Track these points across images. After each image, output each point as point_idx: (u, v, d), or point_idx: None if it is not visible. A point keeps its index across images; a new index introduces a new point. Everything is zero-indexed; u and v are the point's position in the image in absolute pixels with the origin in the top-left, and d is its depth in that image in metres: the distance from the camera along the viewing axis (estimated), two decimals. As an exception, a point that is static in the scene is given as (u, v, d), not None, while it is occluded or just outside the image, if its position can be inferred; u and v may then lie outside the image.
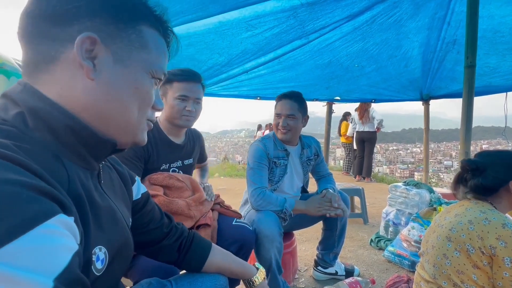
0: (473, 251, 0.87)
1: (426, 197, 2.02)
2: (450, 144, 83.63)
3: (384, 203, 2.39)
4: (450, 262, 0.93)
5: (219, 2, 1.46)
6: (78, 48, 0.37)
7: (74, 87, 0.38)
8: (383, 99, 3.65)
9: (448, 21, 2.27)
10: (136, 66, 0.42)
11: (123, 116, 0.42)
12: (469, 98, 1.81)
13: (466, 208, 0.97)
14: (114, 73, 0.40)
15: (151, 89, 0.45)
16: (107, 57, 0.39)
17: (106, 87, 0.40)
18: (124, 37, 0.40)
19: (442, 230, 0.98)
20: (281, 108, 1.45)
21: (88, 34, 0.37)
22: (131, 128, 0.44)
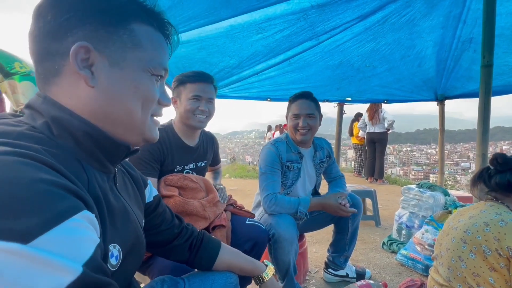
0: (490, 253, 0.85)
1: (441, 200, 1.97)
2: (468, 145, 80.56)
3: (397, 205, 2.35)
4: (465, 265, 0.91)
5: (231, 6, 1.49)
6: (73, 59, 0.38)
7: (79, 96, 0.40)
8: (395, 99, 3.58)
9: (464, 19, 2.21)
10: (133, 66, 0.42)
11: (128, 116, 0.43)
12: (486, 98, 1.75)
13: (480, 210, 0.95)
14: (112, 77, 0.41)
15: (152, 86, 0.45)
16: (103, 62, 0.40)
17: (106, 92, 0.41)
18: (115, 39, 0.41)
19: (456, 232, 0.96)
20: (298, 108, 1.42)
21: (80, 44, 0.38)
22: (137, 126, 0.45)
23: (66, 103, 0.40)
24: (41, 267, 0.25)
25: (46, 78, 0.41)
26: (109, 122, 0.42)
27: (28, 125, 0.38)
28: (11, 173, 0.28)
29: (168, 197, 1.01)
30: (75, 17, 0.38)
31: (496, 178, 0.96)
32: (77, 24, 0.38)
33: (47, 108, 0.39)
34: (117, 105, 0.42)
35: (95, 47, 0.39)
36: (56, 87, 0.40)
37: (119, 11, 0.41)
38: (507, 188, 0.95)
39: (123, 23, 0.41)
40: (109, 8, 0.40)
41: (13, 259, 0.24)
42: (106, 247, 0.41)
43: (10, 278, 0.24)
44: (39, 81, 0.41)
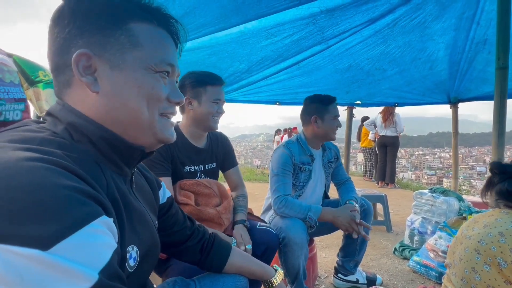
0: (505, 265, 0.82)
1: (455, 206, 1.92)
2: (483, 148, 77.90)
3: (409, 210, 2.30)
4: (479, 277, 0.88)
5: (241, 13, 1.52)
6: (74, 67, 0.39)
7: (87, 103, 0.41)
8: (407, 102, 3.52)
9: (477, 21, 2.17)
10: (133, 66, 0.42)
11: (134, 117, 0.43)
12: (502, 101, 1.71)
13: (496, 219, 0.91)
14: (114, 80, 0.41)
15: (157, 83, 0.44)
16: (104, 66, 0.41)
17: (110, 95, 0.41)
18: (113, 42, 0.41)
19: (470, 241, 0.93)
20: (337, 110, 1.53)
21: (79, 52, 0.39)
22: (146, 127, 0.44)
23: (80, 110, 0.42)
24: (58, 274, 0.26)
25: (60, 90, 0.43)
26: (118, 126, 0.43)
27: (50, 131, 0.40)
28: (35, 179, 0.28)
29: (183, 205, 1.03)
30: (74, 28, 0.39)
31: (498, 187, 0.94)
32: (76, 34, 0.39)
33: (65, 114, 0.41)
34: (121, 108, 0.42)
35: (94, 53, 0.39)
36: (68, 97, 0.42)
37: (114, 13, 0.40)
38: (509, 197, 0.92)
39: (119, 24, 0.41)
40: (103, 12, 0.40)
41: (32, 265, 0.25)
42: (124, 249, 0.42)
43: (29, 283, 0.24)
44: (56, 93, 0.43)
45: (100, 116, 0.42)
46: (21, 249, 0.24)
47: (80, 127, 0.40)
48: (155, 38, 0.43)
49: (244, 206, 1.23)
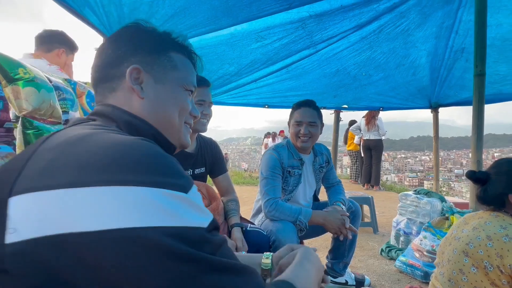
0: (491, 269, 0.84)
1: (438, 206, 1.99)
2: (461, 152, 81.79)
3: (394, 212, 2.36)
4: (466, 278, 0.90)
5: (232, 15, 1.52)
6: (128, 77, 0.50)
7: (132, 105, 0.51)
8: (391, 107, 3.64)
9: (456, 30, 2.29)
10: (172, 83, 0.54)
11: (169, 121, 0.54)
12: (480, 106, 1.80)
13: (485, 222, 0.94)
14: (157, 91, 0.53)
15: (186, 98, 0.57)
16: (149, 80, 0.52)
17: (153, 102, 0.52)
18: (159, 63, 0.53)
19: (458, 243, 0.96)
20: (301, 115, 1.45)
21: (133, 66, 0.50)
22: (176, 131, 0.55)
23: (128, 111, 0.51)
24: (196, 209, 0.36)
25: (104, 94, 0.52)
26: (156, 126, 0.52)
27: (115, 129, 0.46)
28: (159, 151, 0.38)
29: None
30: (129, 49, 0.52)
31: (476, 193, 0.99)
32: (131, 54, 0.51)
33: (119, 114, 0.49)
34: (161, 112, 0.53)
35: (144, 69, 0.51)
36: (113, 100, 0.51)
37: (160, 43, 0.54)
38: (489, 203, 0.96)
39: (164, 52, 0.54)
40: (154, 42, 0.53)
41: (181, 201, 0.35)
42: None
43: (181, 213, 0.34)
44: (97, 97, 0.53)
45: (145, 117, 0.51)
46: (174, 192, 0.35)
47: (135, 125, 0.49)
48: (186, 65, 0.57)
49: (236, 210, 1.22)
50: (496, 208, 0.96)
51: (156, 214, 0.32)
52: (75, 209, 0.30)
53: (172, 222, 0.32)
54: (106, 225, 0.30)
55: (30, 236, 0.30)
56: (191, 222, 0.34)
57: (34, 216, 0.31)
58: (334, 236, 1.51)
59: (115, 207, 0.31)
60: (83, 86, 1.24)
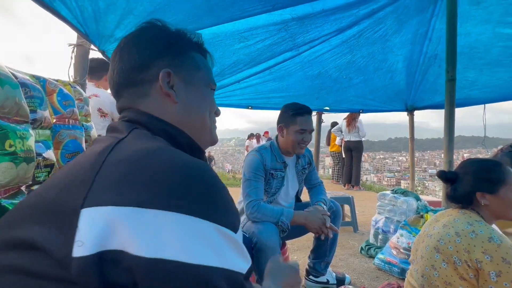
0: (460, 263, 0.88)
1: (413, 205, 2.08)
2: (434, 153, 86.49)
3: (373, 211, 2.44)
4: (438, 274, 0.93)
5: (214, 15, 1.49)
6: (162, 82, 0.48)
7: (167, 111, 0.50)
8: (370, 109, 3.77)
9: (430, 37, 2.41)
10: (200, 83, 0.54)
11: (203, 122, 0.54)
12: (451, 109, 1.90)
13: (454, 219, 0.98)
14: (189, 93, 0.52)
15: (213, 97, 0.57)
16: (180, 83, 0.51)
17: (188, 105, 0.52)
18: (185, 65, 0.52)
19: (430, 240, 1.00)
20: (306, 123, 1.45)
21: (165, 70, 0.49)
22: (208, 130, 0.56)
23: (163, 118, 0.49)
24: (240, 252, 0.36)
25: (132, 100, 0.50)
26: (191, 130, 0.51)
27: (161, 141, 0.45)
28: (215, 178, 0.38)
29: None
30: (155, 52, 0.50)
31: (446, 192, 1.04)
32: (157, 56, 0.50)
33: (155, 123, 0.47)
34: (195, 114, 0.52)
35: (174, 72, 0.50)
36: (144, 106, 0.49)
37: (183, 44, 0.53)
38: (458, 202, 1.01)
39: (187, 52, 0.53)
40: (178, 43, 0.52)
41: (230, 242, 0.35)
42: None
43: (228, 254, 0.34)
44: (126, 102, 0.50)
45: (177, 121, 0.50)
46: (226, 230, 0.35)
47: (171, 133, 0.48)
48: (206, 64, 0.56)
49: None
50: (464, 206, 1.01)
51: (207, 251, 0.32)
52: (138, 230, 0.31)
53: (219, 263, 0.33)
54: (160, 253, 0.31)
55: (95, 250, 0.31)
56: (235, 266, 0.34)
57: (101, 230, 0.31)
58: (316, 235, 1.53)
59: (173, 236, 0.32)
60: (54, 84, 1.17)
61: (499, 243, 0.84)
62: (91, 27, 1.26)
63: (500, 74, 2.61)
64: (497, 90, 2.88)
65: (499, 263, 0.82)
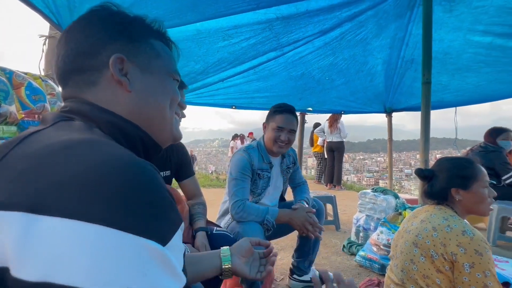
0: (437, 257, 0.91)
1: (392, 203, 2.15)
2: (409, 153, 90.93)
3: (354, 209, 2.50)
4: (416, 267, 0.97)
5: (198, 10, 1.46)
6: (113, 68, 0.43)
7: (118, 101, 0.45)
8: (351, 110, 3.87)
9: (407, 42, 2.52)
10: (160, 71, 0.49)
11: (161, 114, 0.49)
12: (426, 111, 2.00)
13: (430, 214, 1.02)
14: (145, 81, 0.47)
15: (175, 87, 0.52)
16: (135, 70, 0.46)
17: (143, 94, 0.46)
18: (142, 51, 0.47)
19: (409, 236, 1.03)
20: (284, 122, 1.42)
21: (117, 55, 0.44)
22: (168, 123, 0.50)
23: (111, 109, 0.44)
24: (168, 269, 0.29)
25: (78, 88, 0.44)
26: (147, 123, 0.47)
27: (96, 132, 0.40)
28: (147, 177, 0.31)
29: None
30: (105, 36, 0.45)
31: (423, 189, 1.09)
32: (108, 41, 0.45)
33: (99, 114, 0.42)
34: (152, 105, 0.47)
35: (128, 58, 0.45)
36: (93, 96, 0.44)
37: (140, 30, 0.48)
38: (434, 198, 1.05)
39: (144, 38, 0.48)
40: (132, 28, 0.47)
41: (154, 256, 0.28)
42: None
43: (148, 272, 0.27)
44: (70, 92, 0.45)
45: (129, 113, 0.45)
46: (150, 243, 0.28)
47: (119, 127, 0.43)
48: (168, 53, 0.52)
49: (202, 213, 1.17)
50: (440, 202, 1.06)
51: (122, 273, 0.25)
52: (25, 243, 0.24)
53: (136, 285, 0.26)
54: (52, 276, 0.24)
55: None
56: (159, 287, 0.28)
57: None
58: (301, 233, 1.52)
59: (74, 253, 0.24)
60: (22, 77, 1.08)
61: (472, 236, 0.89)
62: (64, 16, 1.18)
63: (470, 79, 2.78)
64: (467, 94, 3.07)
65: (472, 255, 0.86)
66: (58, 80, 0.47)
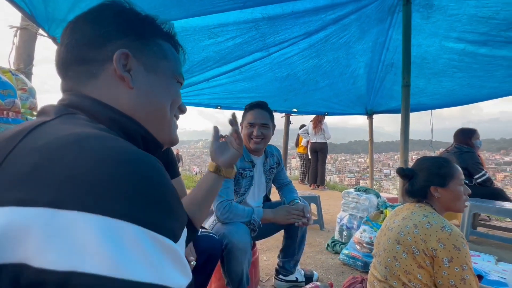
0: (418, 252, 0.94)
1: (374, 202, 2.22)
2: (388, 154, 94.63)
3: (338, 209, 2.55)
4: (399, 264, 0.99)
5: (183, 6, 1.42)
6: (117, 63, 0.43)
7: (118, 96, 0.44)
8: (335, 112, 3.96)
9: (387, 47, 2.61)
10: (165, 73, 0.49)
11: (161, 115, 0.48)
12: (406, 113, 2.08)
13: (411, 212, 1.05)
14: (149, 80, 0.46)
15: (178, 90, 0.52)
16: (139, 68, 0.45)
17: (145, 92, 0.46)
18: (149, 50, 0.47)
19: (391, 233, 1.06)
20: (254, 117, 1.42)
21: (122, 50, 0.43)
22: (167, 125, 0.50)
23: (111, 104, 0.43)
24: (179, 265, 0.31)
25: (78, 80, 0.43)
26: (147, 121, 0.46)
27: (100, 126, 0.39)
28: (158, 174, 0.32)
29: None
30: (114, 30, 0.44)
31: (404, 187, 1.13)
32: (116, 36, 0.44)
33: (101, 110, 0.41)
34: (154, 104, 0.47)
35: (133, 55, 0.44)
36: (92, 89, 0.43)
37: (149, 28, 0.48)
38: (414, 196, 1.09)
39: (153, 38, 0.48)
40: (142, 26, 0.47)
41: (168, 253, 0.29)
42: None
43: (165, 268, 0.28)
44: (69, 83, 0.44)
45: (129, 109, 0.44)
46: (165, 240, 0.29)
47: (120, 123, 0.42)
48: (175, 55, 0.52)
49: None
50: (419, 199, 1.10)
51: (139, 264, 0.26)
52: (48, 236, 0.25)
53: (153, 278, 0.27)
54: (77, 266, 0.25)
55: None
56: (173, 282, 0.29)
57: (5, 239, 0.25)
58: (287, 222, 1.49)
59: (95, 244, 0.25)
60: (-10, 70, 1.00)
61: (450, 231, 0.92)
62: (38, 7, 1.11)
63: (444, 83, 2.93)
64: (442, 97, 3.24)
65: (450, 250, 0.90)
66: (58, 70, 0.46)
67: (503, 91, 2.94)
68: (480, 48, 2.27)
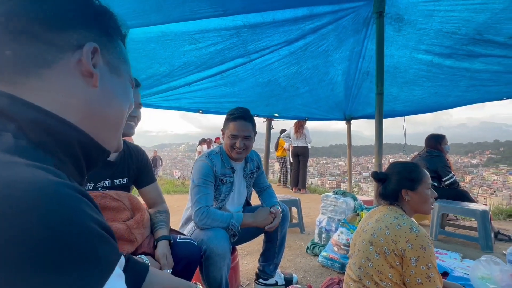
0: (389, 253, 1.00)
1: (351, 204, 2.30)
2: (367, 158, 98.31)
3: (318, 212, 2.61)
4: (372, 264, 1.04)
5: (162, 12, 1.42)
6: (87, 56, 0.37)
7: (74, 95, 0.37)
8: (315, 117, 4.08)
9: (363, 56, 2.75)
10: (125, 75, 0.46)
11: (120, 121, 0.45)
12: (380, 119, 2.19)
13: (384, 214, 1.11)
14: (113, 82, 0.42)
15: (132, 96, 0.49)
16: (104, 66, 0.41)
17: (109, 94, 0.41)
18: (114, 49, 0.43)
19: (366, 235, 1.11)
20: (237, 129, 1.42)
21: (94, 45, 0.38)
22: (120, 131, 0.46)
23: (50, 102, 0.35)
24: None
25: (23, 67, 0.34)
26: (99, 124, 0.41)
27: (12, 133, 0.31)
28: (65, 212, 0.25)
29: None
30: (82, 18, 0.38)
31: (378, 190, 1.20)
32: (83, 24, 0.38)
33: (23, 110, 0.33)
34: (114, 107, 0.43)
35: (101, 51, 0.40)
36: (37, 81, 0.35)
37: (115, 28, 0.44)
38: (387, 198, 1.16)
39: (116, 37, 0.44)
40: (108, 22, 0.42)
41: None
42: None
43: None
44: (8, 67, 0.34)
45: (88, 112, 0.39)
46: None
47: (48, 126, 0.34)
48: (128, 59, 0.48)
49: (165, 221, 1.11)
50: (391, 202, 1.16)
51: None
52: None
53: None
54: None
55: None
56: None
57: None
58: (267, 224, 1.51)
59: None
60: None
61: (417, 233, 0.99)
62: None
63: (415, 91, 3.13)
64: (413, 105, 3.45)
65: (417, 250, 0.96)
66: None
67: (466, 100, 3.19)
68: (446, 60, 2.46)
